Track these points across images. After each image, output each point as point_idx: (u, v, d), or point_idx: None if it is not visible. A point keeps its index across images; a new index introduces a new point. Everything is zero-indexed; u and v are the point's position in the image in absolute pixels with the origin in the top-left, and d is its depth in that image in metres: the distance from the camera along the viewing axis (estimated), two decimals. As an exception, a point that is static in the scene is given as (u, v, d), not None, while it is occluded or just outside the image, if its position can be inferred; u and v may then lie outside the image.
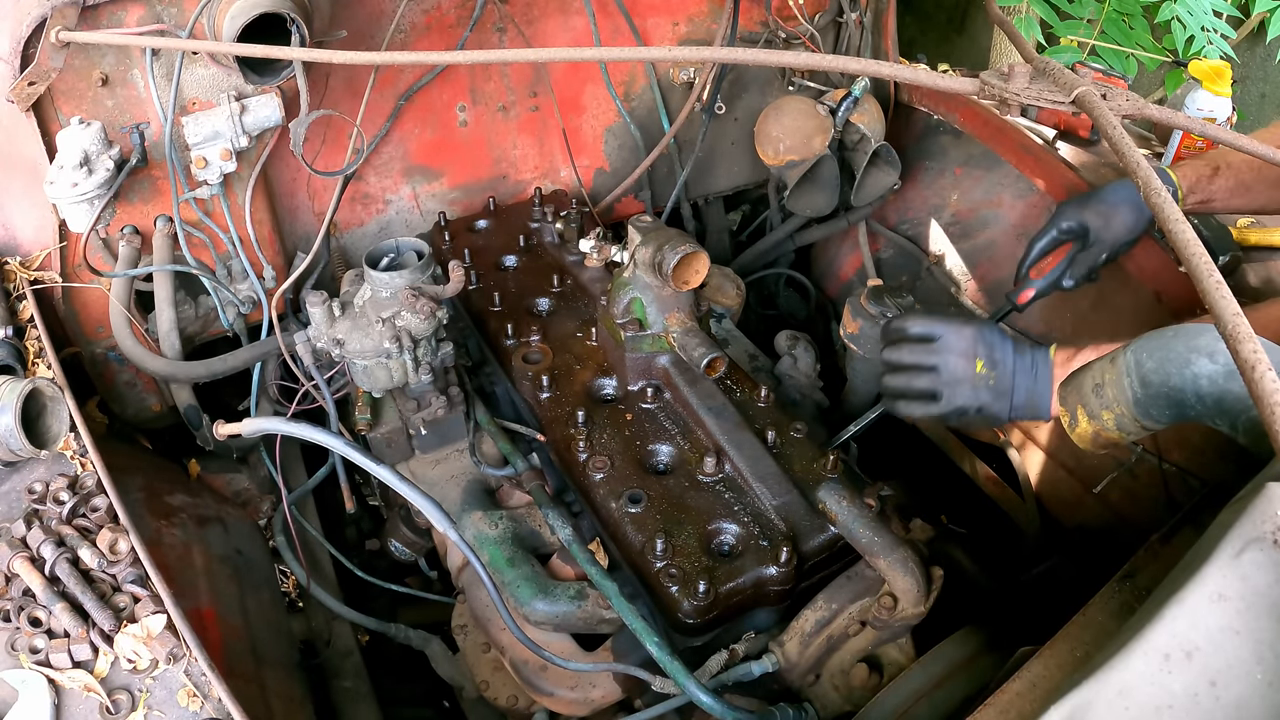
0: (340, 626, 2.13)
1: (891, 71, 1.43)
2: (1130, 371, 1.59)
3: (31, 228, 1.99)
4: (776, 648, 1.67)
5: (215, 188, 2.00)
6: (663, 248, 1.78)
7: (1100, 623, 1.22)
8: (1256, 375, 0.88)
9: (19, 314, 1.89)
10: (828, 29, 2.63)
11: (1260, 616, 0.90)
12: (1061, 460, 2.25)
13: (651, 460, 1.85)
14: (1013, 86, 1.24)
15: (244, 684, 1.63)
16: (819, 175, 2.53)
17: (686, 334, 1.87)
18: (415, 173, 2.43)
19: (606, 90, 2.54)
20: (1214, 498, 1.34)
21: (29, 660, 1.31)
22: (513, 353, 2.08)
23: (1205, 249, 0.97)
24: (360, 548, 2.35)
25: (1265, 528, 0.93)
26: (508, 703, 1.89)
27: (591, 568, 1.74)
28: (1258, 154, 1.21)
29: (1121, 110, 1.18)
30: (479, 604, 1.93)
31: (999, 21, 1.97)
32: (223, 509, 2.10)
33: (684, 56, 1.62)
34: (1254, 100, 4.56)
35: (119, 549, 1.44)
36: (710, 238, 2.94)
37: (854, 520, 1.65)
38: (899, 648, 1.71)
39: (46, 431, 1.63)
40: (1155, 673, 0.90)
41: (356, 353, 1.88)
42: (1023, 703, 1.15)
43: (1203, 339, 1.50)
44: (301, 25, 1.75)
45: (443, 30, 2.27)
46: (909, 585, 1.59)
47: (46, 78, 1.78)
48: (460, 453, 2.09)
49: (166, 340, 2.01)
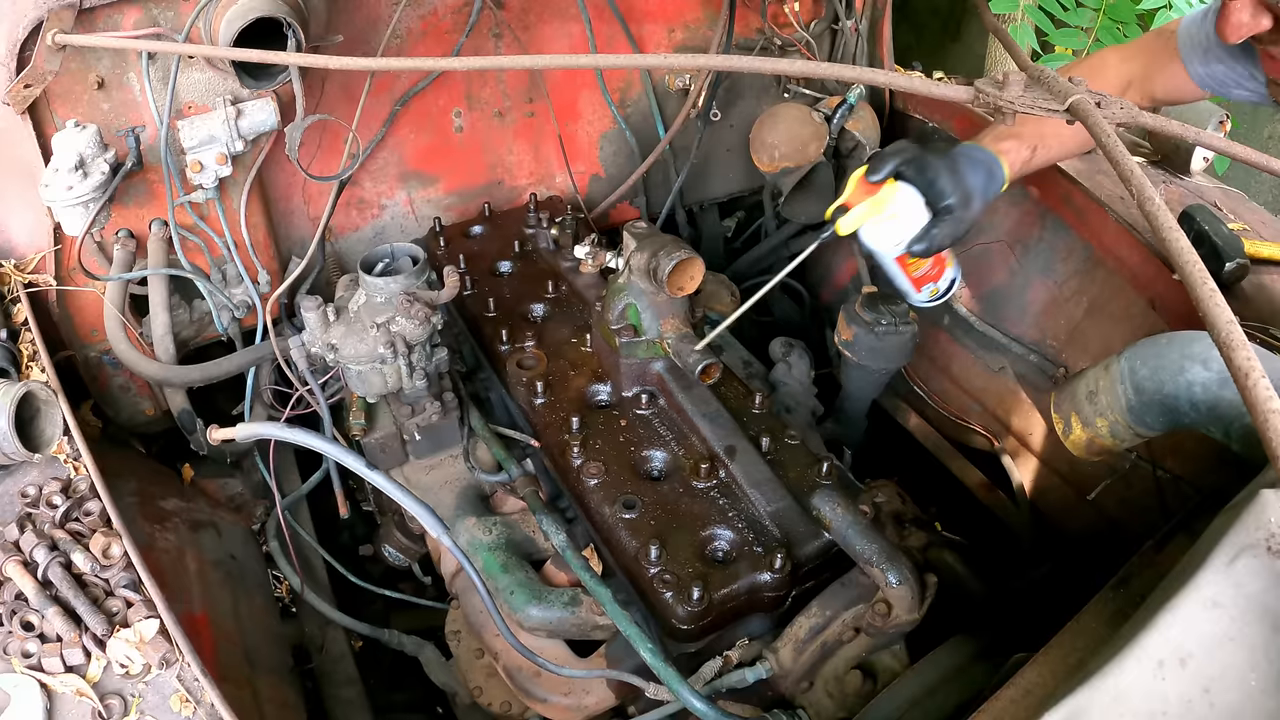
0: (333, 632, 2.12)
1: (886, 79, 1.43)
2: (1124, 379, 1.59)
3: (26, 231, 1.99)
4: (771, 654, 1.67)
5: (210, 192, 2.00)
6: (657, 254, 1.78)
7: (1094, 629, 1.22)
8: (1250, 383, 0.88)
9: (13, 317, 1.88)
10: (823, 36, 2.64)
11: (1253, 623, 0.90)
12: (1056, 467, 2.25)
13: (646, 466, 1.85)
14: (1007, 94, 1.24)
15: (237, 689, 1.62)
16: (814, 182, 2.53)
17: (681, 340, 1.87)
18: (411, 178, 2.43)
19: (602, 96, 2.54)
20: (1208, 505, 1.34)
21: (21, 664, 1.31)
22: (507, 358, 2.08)
23: (1204, 254, 0.97)
24: (354, 553, 2.34)
25: (1259, 535, 0.93)
26: (501, 709, 1.89)
27: (585, 574, 1.74)
28: (1256, 164, 1.22)
29: (1115, 118, 1.18)
30: (472, 610, 1.92)
31: (994, 29, 1.98)
32: (216, 514, 2.09)
33: (680, 63, 1.62)
34: (1247, 106, 4.58)
35: (112, 553, 1.43)
36: (705, 244, 2.94)
37: (848, 527, 1.65)
38: (893, 654, 1.71)
39: (40, 435, 1.63)
40: (1149, 679, 0.90)
41: (351, 358, 1.88)
42: (1017, 709, 1.15)
43: (1196, 346, 1.51)
44: (298, 30, 1.75)
45: (439, 36, 2.28)
46: (903, 592, 1.59)
47: (42, 80, 1.78)
48: (454, 458, 2.09)
49: (161, 344, 2.01)
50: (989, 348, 2.43)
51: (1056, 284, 2.29)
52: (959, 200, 1.65)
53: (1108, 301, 2.17)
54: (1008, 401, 2.39)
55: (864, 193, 1.66)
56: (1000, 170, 1.75)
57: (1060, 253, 2.29)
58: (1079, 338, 2.22)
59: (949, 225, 1.65)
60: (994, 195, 1.75)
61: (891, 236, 1.68)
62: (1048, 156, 1.89)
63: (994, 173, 1.74)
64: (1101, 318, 2.18)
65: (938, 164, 1.66)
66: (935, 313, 2.55)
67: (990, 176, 1.72)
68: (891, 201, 1.65)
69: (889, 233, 1.68)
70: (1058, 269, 2.29)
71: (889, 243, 1.69)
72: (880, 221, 1.66)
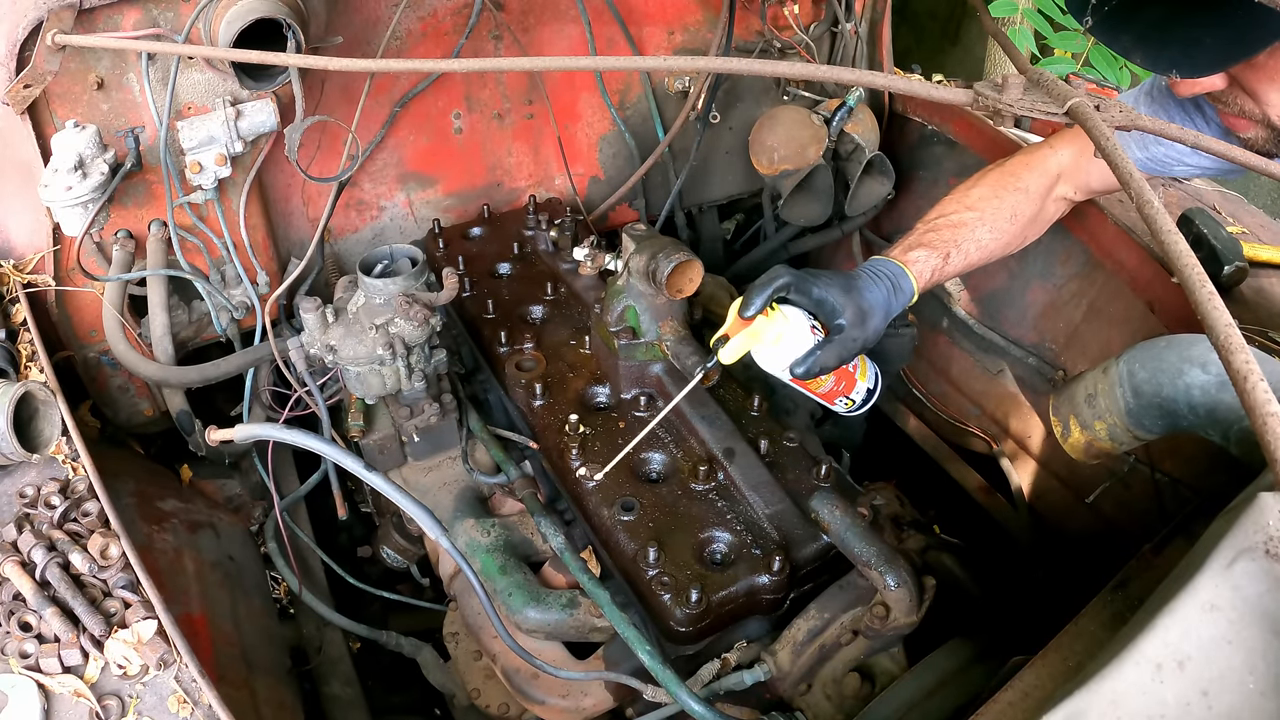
0: (331, 633, 2.12)
1: (886, 82, 1.43)
2: (1123, 381, 1.59)
3: (25, 231, 1.99)
4: (769, 657, 1.67)
5: (210, 193, 2.00)
6: (656, 256, 1.78)
7: (1092, 632, 1.22)
8: (1249, 386, 0.88)
9: (12, 317, 1.88)
10: (823, 39, 2.64)
11: (1252, 626, 0.90)
12: (1054, 470, 2.26)
13: (644, 468, 1.85)
14: (1006, 97, 1.24)
15: (234, 690, 1.62)
16: (813, 185, 2.54)
17: (680, 342, 1.87)
18: (410, 179, 2.43)
19: (602, 99, 2.54)
20: (1206, 508, 1.35)
21: (19, 665, 1.31)
22: (506, 360, 2.08)
23: (1203, 257, 0.97)
24: (352, 554, 2.34)
25: (1257, 538, 0.93)
26: (499, 711, 1.89)
27: (584, 576, 1.74)
28: (1254, 167, 1.22)
29: (1114, 122, 1.18)
30: (471, 612, 1.92)
31: (993, 32, 1.98)
32: (214, 515, 2.09)
33: (679, 65, 1.62)
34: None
35: (110, 554, 1.43)
36: (704, 246, 2.94)
37: (847, 529, 1.65)
38: (891, 657, 1.71)
39: (38, 435, 1.63)
40: (1147, 682, 0.90)
41: (350, 359, 1.88)
42: (1015, 712, 1.15)
43: (1195, 349, 1.51)
44: (297, 31, 1.75)
45: (438, 37, 2.28)
46: (901, 594, 1.59)
47: (42, 81, 1.78)
48: (453, 460, 2.09)
49: (159, 345, 2.01)
50: (988, 350, 2.43)
51: (1055, 287, 2.30)
52: (852, 317, 1.59)
53: (1106, 304, 2.17)
54: (1006, 404, 2.40)
55: (741, 324, 1.60)
56: (908, 282, 1.71)
57: (1059, 255, 2.29)
58: (1078, 340, 2.22)
59: (835, 346, 1.59)
60: (900, 308, 1.71)
61: (778, 362, 1.62)
62: (965, 263, 1.82)
63: (900, 284, 1.70)
64: (1100, 321, 2.18)
65: (827, 282, 1.60)
66: (934, 315, 2.55)
67: (895, 289, 1.68)
68: (770, 328, 1.59)
69: (774, 358, 1.62)
70: (1057, 272, 2.30)
71: (776, 368, 1.63)
72: (764, 347, 1.61)
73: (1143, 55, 1.38)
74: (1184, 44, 1.32)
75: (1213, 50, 1.32)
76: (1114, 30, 1.37)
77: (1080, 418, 1.66)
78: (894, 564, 1.60)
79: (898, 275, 1.70)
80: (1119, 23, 1.35)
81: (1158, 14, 1.33)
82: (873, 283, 1.67)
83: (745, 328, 1.59)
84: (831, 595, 1.69)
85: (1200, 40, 1.31)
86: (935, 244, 1.77)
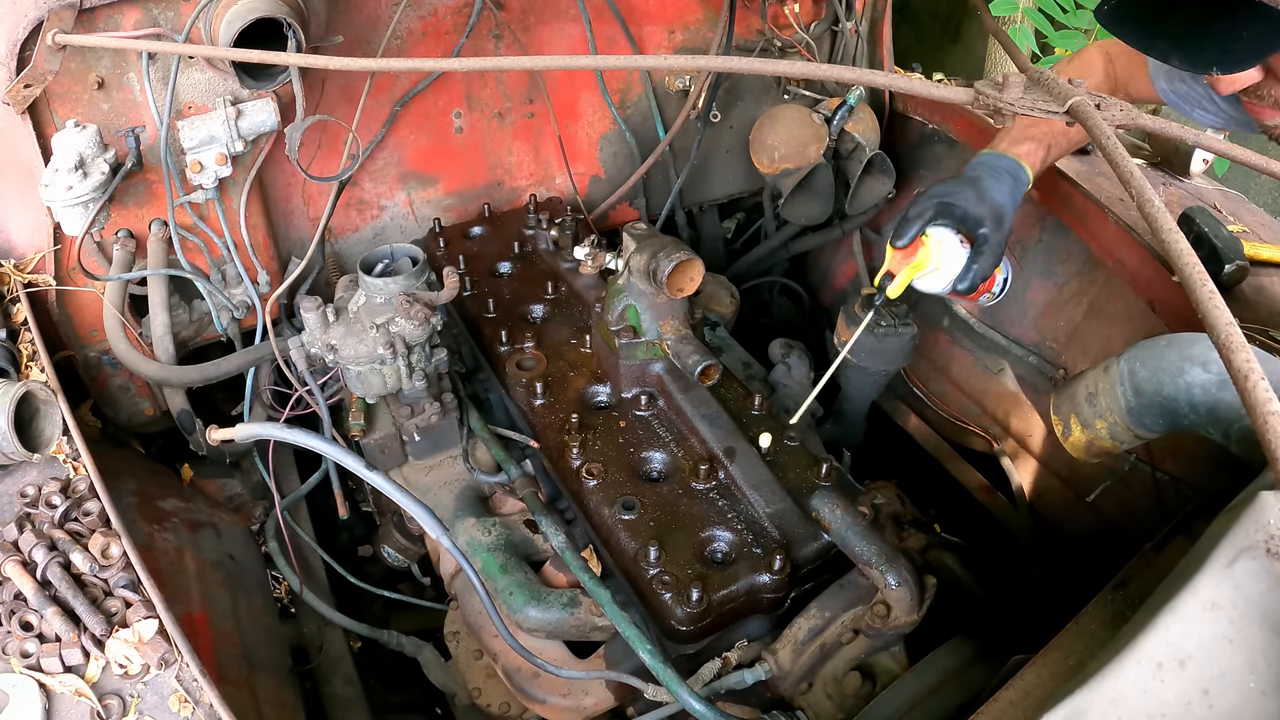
0: (332, 633, 2.12)
1: (886, 81, 1.43)
2: (1123, 380, 1.59)
3: (26, 230, 1.99)
4: (769, 656, 1.67)
5: (210, 192, 2.00)
6: (657, 255, 1.78)
7: (1093, 631, 1.22)
8: (1249, 384, 0.88)
9: (13, 317, 1.88)
10: (823, 38, 2.64)
11: (1252, 625, 0.90)
12: (1055, 469, 2.26)
13: (645, 467, 1.85)
14: (1007, 96, 1.24)
15: (235, 690, 1.62)
16: (814, 183, 2.53)
17: (680, 341, 1.87)
18: (410, 179, 2.43)
19: (602, 98, 2.54)
20: (1207, 507, 1.35)
21: (20, 664, 1.31)
22: (506, 359, 2.08)
23: (1203, 256, 0.97)
24: (353, 554, 2.34)
25: (1258, 537, 0.93)
26: (500, 710, 1.89)
27: (584, 575, 1.74)
28: (1255, 166, 1.22)
29: (1115, 120, 1.18)
30: (471, 611, 1.92)
31: (994, 31, 1.98)
32: (215, 514, 2.09)
33: (680, 64, 1.61)
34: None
35: (111, 553, 1.43)
36: (705, 245, 2.95)
37: (847, 529, 1.65)
38: (892, 656, 1.71)
39: (39, 435, 1.63)
40: (1148, 681, 0.90)
41: (350, 358, 1.88)
42: (1016, 711, 1.15)
43: (1196, 348, 1.51)
44: (298, 30, 1.75)
45: (439, 36, 2.28)
46: (902, 593, 1.59)
47: (42, 80, 1.78)
48: (453, 459, 2.09)
49: (160, 344, 2.01)
50: (988, 349, 2.43)
51: (1056, 286, 2.30)
52: (992, 223, 1.72)
53: (1107, 303, 2.17)
54: (1007, 403, 2.40)
55: (902, 258, 1.78)
56: (1024, 173, 1.82)
57: (1060, 254, 2.29)
58: (1078, 339, 2.22)
59: (987, 255, 1.74)
60: (1019, 199, 1.82)
61: (941, 284, 1.79)
62: (1058, 153, 1.95)
63: (1019, 177, 1.80)
64: (1101, 319, 2.18)
65: (962, 193, 1.73)
66: (935, 314, 2.55)
67: (1016, 182, 1.79)
68: (928, 257, 1.76)
69: (935, 282, 1.79)
70: (1057, 271, 2.30)
71: (940, 289, 1.81)
72: (924, 274, 1.77)
73: (1180, 57, 1.38)
74: (1222, 39, 1.32)
75: (1250, 42, 1.32)
76: (1149, 36, 1.38)
77: (1081, 416, 1.66)
78: (895, 563, 1.60)
79: (1015, 169, 1.81)
80: (1153, 27, 1.35)
81: (1192, 14, 1.33)
82: (995, 181, 1.77)
83: (902, 259, 1.78)
84: (832, 594, 1.69)
85: (1238, 34, 1.31)
86: (1037, 136, 1.87)
